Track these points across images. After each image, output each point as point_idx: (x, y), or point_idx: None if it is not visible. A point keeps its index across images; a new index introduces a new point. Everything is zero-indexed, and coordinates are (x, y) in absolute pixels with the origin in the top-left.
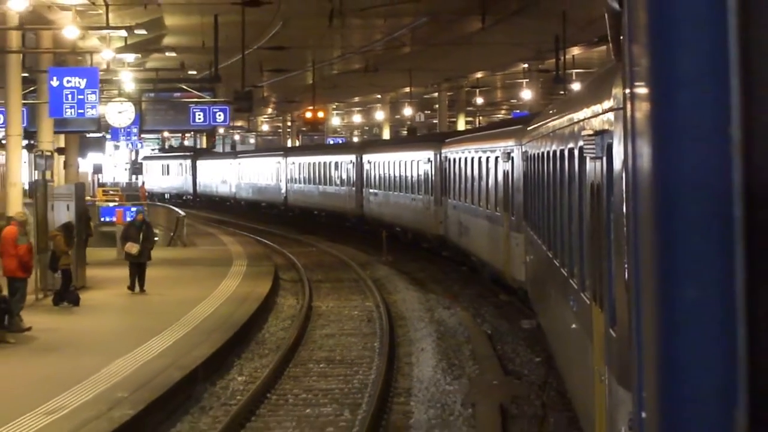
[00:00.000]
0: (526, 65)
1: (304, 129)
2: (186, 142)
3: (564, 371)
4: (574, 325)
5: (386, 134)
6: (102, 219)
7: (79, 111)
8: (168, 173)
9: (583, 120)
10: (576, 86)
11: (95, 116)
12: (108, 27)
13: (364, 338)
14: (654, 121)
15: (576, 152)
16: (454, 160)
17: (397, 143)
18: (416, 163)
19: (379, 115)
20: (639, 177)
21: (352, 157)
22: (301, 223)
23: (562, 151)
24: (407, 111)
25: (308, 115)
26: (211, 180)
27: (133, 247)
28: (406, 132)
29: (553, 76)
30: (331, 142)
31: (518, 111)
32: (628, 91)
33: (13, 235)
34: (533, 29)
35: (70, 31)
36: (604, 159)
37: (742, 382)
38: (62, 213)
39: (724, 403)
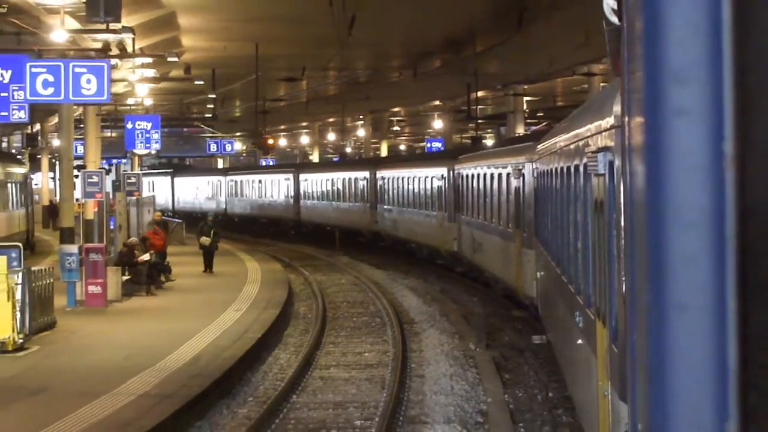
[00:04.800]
0: (439, 102)
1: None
2: None
3: (571, 386)
4: (579, 341)
5: (315, 157)
6: None
7: (146, 146)
8: (153, 190)
9: (586, 137)
10: (481, 121)
11: (158, 149)
12: (108, 31)
13: (362, 292)
14: (647, 136)
15: (581, 169)
16: (467, 176)
17: (411, 160)
18: (430, 179)
19: (305, 139)
20: (634, 192)
21: (366, 174)
22: (256, 230)
23: (568, 168)
24: (331, 136)
25: (270, 141)
26: (194, 197)
27: (206, 240)
28: (339, 155)
29: (458, 110)
30: (264, 163)
31: (430, 138)
32: (626, 107)
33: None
34: (451, 80)
35: (58, 35)
36: (607, 176)
37: (733, 395)
38: (145, 215)
39: (715, 415)
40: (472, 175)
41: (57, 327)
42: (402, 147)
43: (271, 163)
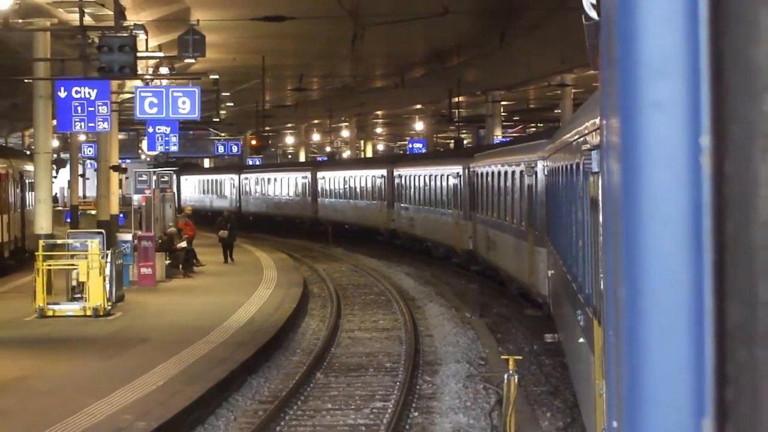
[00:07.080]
0: (421, 106)
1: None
2: None
3: (575, 385)
4: (581, 340)
5: (302, 157)
6: None
7: (166, 147)
8: None
9: (584, 134)
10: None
11: (177, 150)
12: (147, 55)
13: (364, 277)
14: (623, 130)
15: (580, 166)
16: (482, 174)
17: (428, 157)
18: (446, 177)
19: (290, 139)
20: (610, 187)
21: (383, 172)
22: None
23: (570, 166)
24: (315, 136)
25: (253, 142)
26: (203, 194)
27: (224, 233)
28: (326, 155)
29: (439, 113)
30: (251, 162)
31: (412, 139)
32: (604, 102)
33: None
34: (435, 86)
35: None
36: (600, 173)
37: (709, 391)
38: (167, 209)
39: (692, 412)
40: (487, 173)
41: (125, 300)
42: (381, 147)
43: (257, 163)
